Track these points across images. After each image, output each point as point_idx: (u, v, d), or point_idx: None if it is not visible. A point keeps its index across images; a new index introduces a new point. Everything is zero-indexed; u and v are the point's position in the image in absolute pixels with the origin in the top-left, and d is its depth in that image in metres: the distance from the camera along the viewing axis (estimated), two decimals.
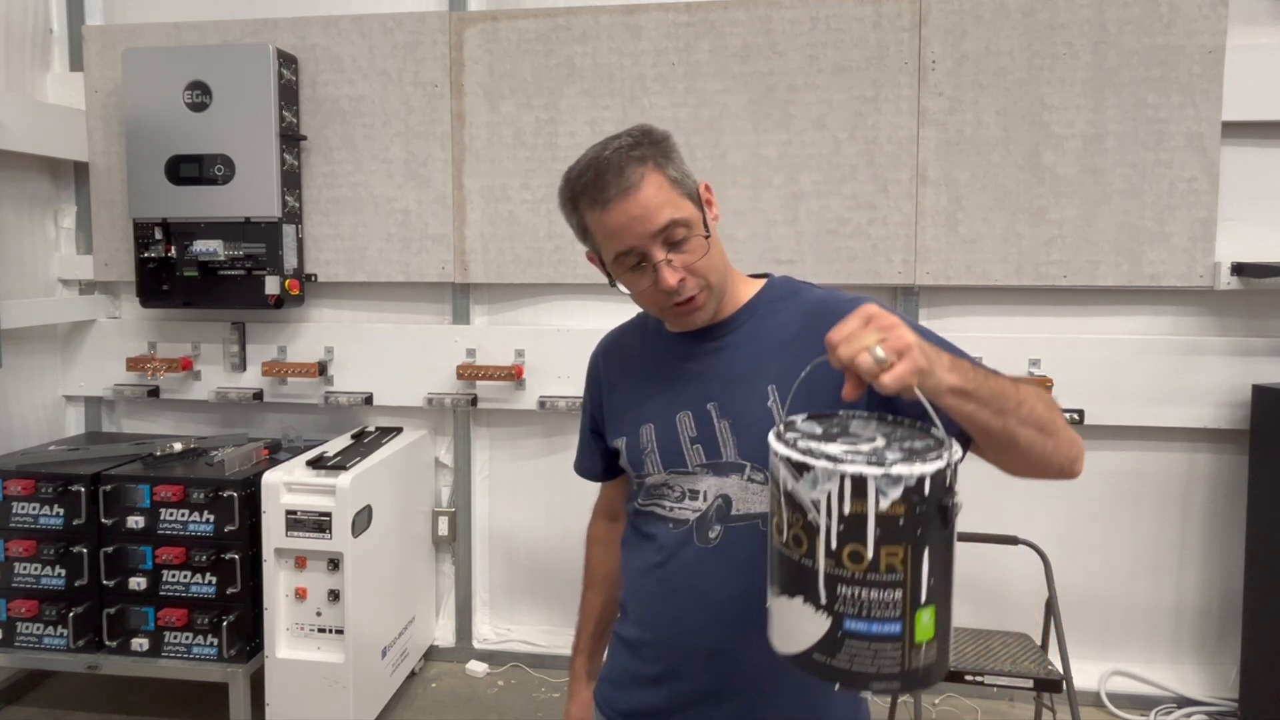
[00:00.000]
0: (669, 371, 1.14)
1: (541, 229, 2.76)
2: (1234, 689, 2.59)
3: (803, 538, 0.76)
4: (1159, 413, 2.57)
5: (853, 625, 0.75)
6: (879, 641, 0.75)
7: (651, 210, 1.01)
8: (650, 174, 1.02)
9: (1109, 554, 2.69)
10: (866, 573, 0.74)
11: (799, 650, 0.79)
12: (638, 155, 1.03)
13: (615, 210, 1.01)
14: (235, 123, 2.68)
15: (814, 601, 0.76)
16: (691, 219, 1.03)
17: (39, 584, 2.46)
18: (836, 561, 0.75)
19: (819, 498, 0.75)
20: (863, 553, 0.74)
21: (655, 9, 2.67)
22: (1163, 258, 2.52)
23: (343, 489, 2.32)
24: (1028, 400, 0.90)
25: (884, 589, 0.74)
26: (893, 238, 2.61)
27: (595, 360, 1.30)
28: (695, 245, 1.03)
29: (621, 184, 1.01)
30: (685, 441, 1.10)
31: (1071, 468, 0.96)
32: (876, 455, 0.76)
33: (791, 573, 0.78)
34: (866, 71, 2.59)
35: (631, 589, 1.19)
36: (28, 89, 2.86)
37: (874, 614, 0.75)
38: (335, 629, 2.37)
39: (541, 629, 2.98)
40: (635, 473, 1.17)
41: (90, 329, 3.01)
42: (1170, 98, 2.48)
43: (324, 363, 2.89)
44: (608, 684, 1.22)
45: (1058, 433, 0.93)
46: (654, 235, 1.02)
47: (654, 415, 1.13)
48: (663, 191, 1.02)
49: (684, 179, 1.05)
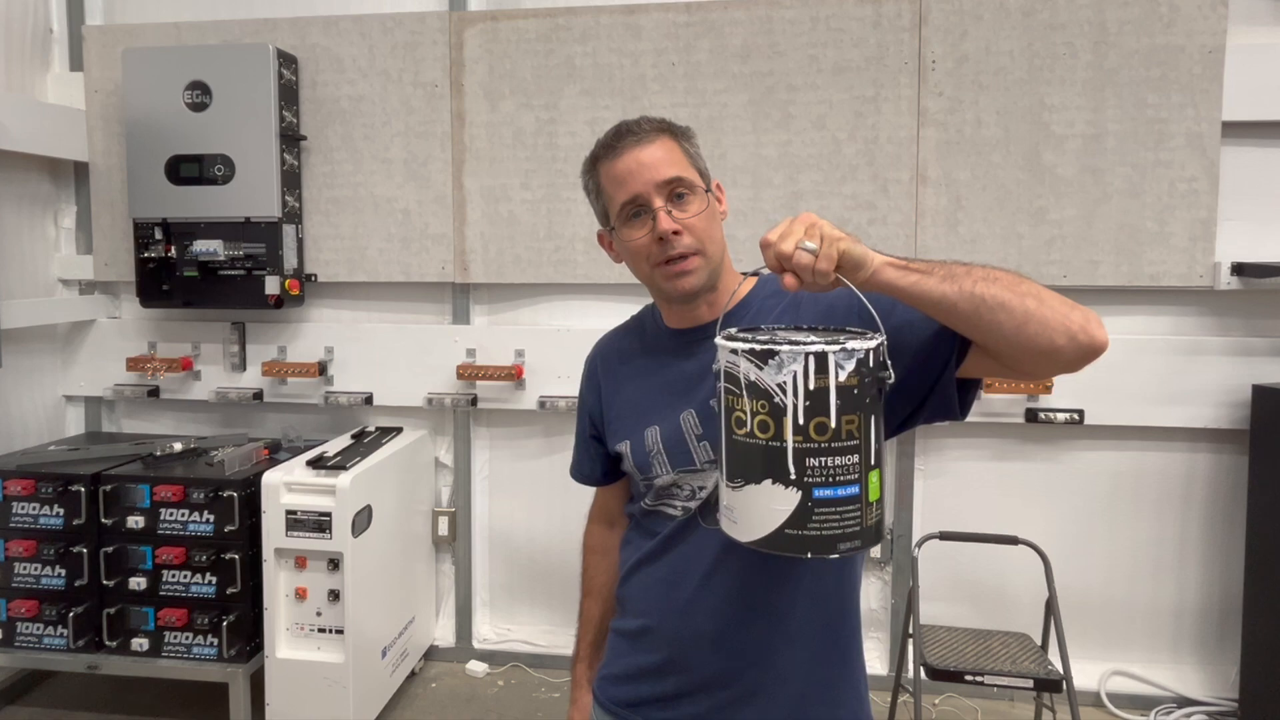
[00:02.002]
0: (669, 372, 1.15)
1: (541, 229, 2.76)
2: (1234, 689, 2.59)
3: (769, 422, 0.83)
4: (1159, 413, 2.57)
5: (821, 493, 0.82)
6: (843, 504, 0.83)
7: (659, 161, 1.07)
8: (665, 138, 1.10)
9: (1109, 554, 2.69)
10: (830, 442, 0.82)
11: (769, 530, 0.84)
12: (659, 124, 1.11)
13: (626, 157, 1.08)
14: (235, 123, 2.68)
15: (784, 479, 0.83)
16: (696, 183, 1.09)
17: (39, 584, 2.46)
18: (805, 436, 0.82)
19: (785, 379, 0.82)
20: (827, 423, 0.82)
21: (655, 9, 2.67)
22: (1163, 258, 2.52)
23: (343, 489, 2.32)
24: (984, 270, 0.89)
25: (845, 454, 0.83)
26: (893, 238, 2.61)
27: (592, 364, 1.30)
28: (696, 204, 1.08)
29: (637, 137, 1.08)
30: (692, 440, 1.10)
31: (1087, 333, 0.88)
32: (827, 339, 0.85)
33: (758, 458, 0.84)
34: (866, 71, 2.59)
35: (632, 579, 1.20)
36: (28, 89, 2.86)
37: (838, 479, 0.83)
38: (335, 629, 2.37)
39: (541, 629, 2.98)
40: (642, 475, 1.16)
41: (90, 329, 3.01)
42: (1170, 98, 2.48)
43: (324, 363, 2.89)
44: (608, 679, 1.22)
45: (1040, 295, 0.88)
46: (658, 186, 1.07)
47: (658, 417, 1.14)
48: (673, 154, 1.09)
49: (697, 159, 1.12)
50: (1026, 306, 0.87)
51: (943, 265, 0.90)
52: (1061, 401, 2.57)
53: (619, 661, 1.21)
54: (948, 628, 2.38)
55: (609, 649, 1.26)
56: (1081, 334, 0.88)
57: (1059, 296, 0.90)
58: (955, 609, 2.71)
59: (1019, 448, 2.69)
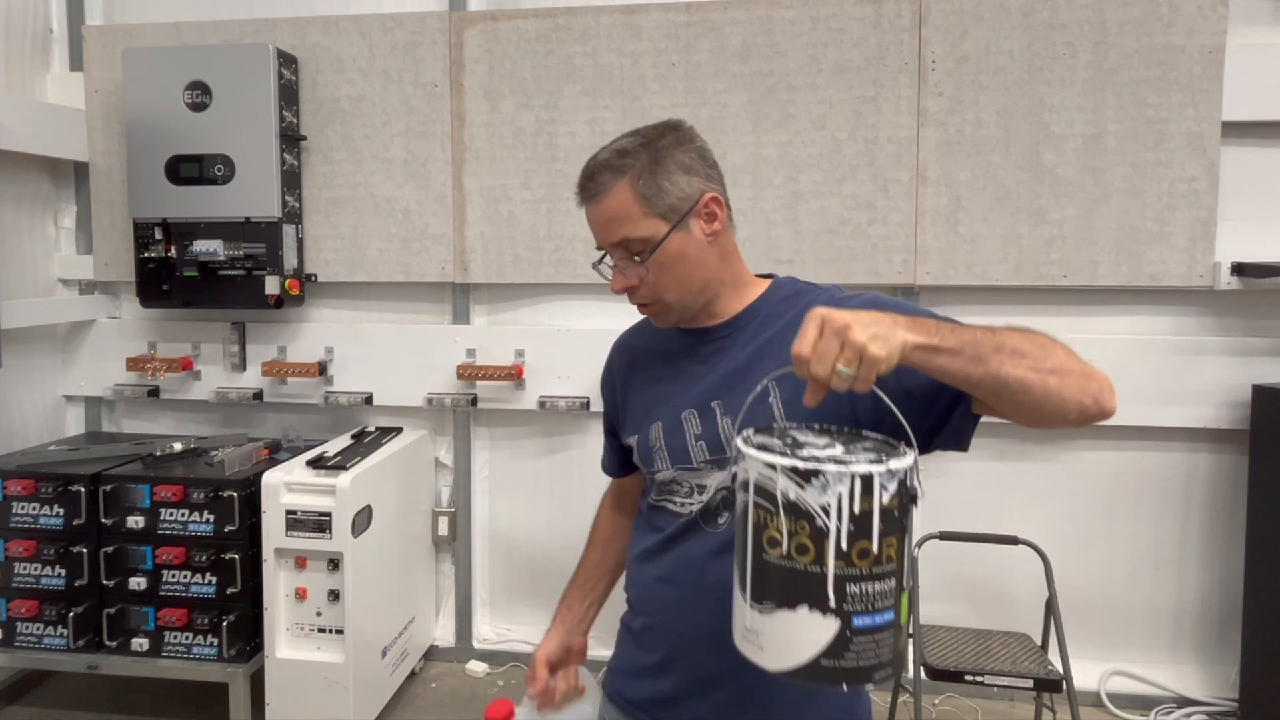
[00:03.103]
0: (676, 371, 1.17)
1: (541, 229, 2.76)
2: (1234, 689, 2.59)
3: (809, 545, 0.78)
4: (1159, 413, 2.57)
5: (860, 621, 0.77)
6: (881, 631, 0.78)
7: (606, 223, 1.09)
8: (619, 187, 1.07)
9: (1109, 554, 2.69)
10: (872, 567, 0.77)
11: (803, 661, 0.79)
12: (618, 164, 1.07)
13: (587, 210, 1.12)
14: (235, 123, 2.68)
15: (822, 607, 0.77)
16: (649, 238, 1.07)
17: (39, 584, 2.46)
18: (847, 561, 0.77)
19: (829, 501, 0.77)
20: (869, 548, 0.77)
21: (655, 9, 2.67)
22: (1163, 258, 2.52)
23: (343, 489, 2.32)
24: (1010, 342, 0.88)
25: (885, 579, 0.78)
26: (893, 238, 2.61)
27: (610, 360, 1.32)
28: (651, 262, 1.07)
29: (591, 189, 1.10)
30: (690, 439, 1.12)
31: (1097, 405, 0.90)
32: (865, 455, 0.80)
33: (794, 583, 0.79)
34: (866, 71, 2.59)
35: (635, 576, 1.22)
36: (28, 89, 2.86)
37: (877, 605, 0.78)
38: (335, 629, 2.37)
39: (541, 629, 2.95)
40: (647, 469, 1.19)
41: (90, 329, 3.01)
42: (1170, 98, 2.48)
43: (324, 363, 2.89)
44: (617, 675, 1.24)
45: (1062, 369, 0.89)
46: (611, 245, 1.10)
47: (662, 414, 1.16)
48: (626, 206, 1.07)
49: (658, 195, 1.06)
50: (1048, 386, 0.88)
51: (970, 335, 0.87)
52: None
53: (625, 658, 1.23)
54: (948, 628, 2.38)
55: (618, 642, 1.27)
56: (1093, 407, 0.90)
57: (1079, 365, 0.91)
58: (955, 609, 2.71)
59: (1019, 448, 2.69)
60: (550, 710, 1.19)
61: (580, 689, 1.20)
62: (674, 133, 1.10)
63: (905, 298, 2.64)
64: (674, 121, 1.12)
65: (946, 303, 2.68)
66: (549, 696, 1.19)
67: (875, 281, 2.61)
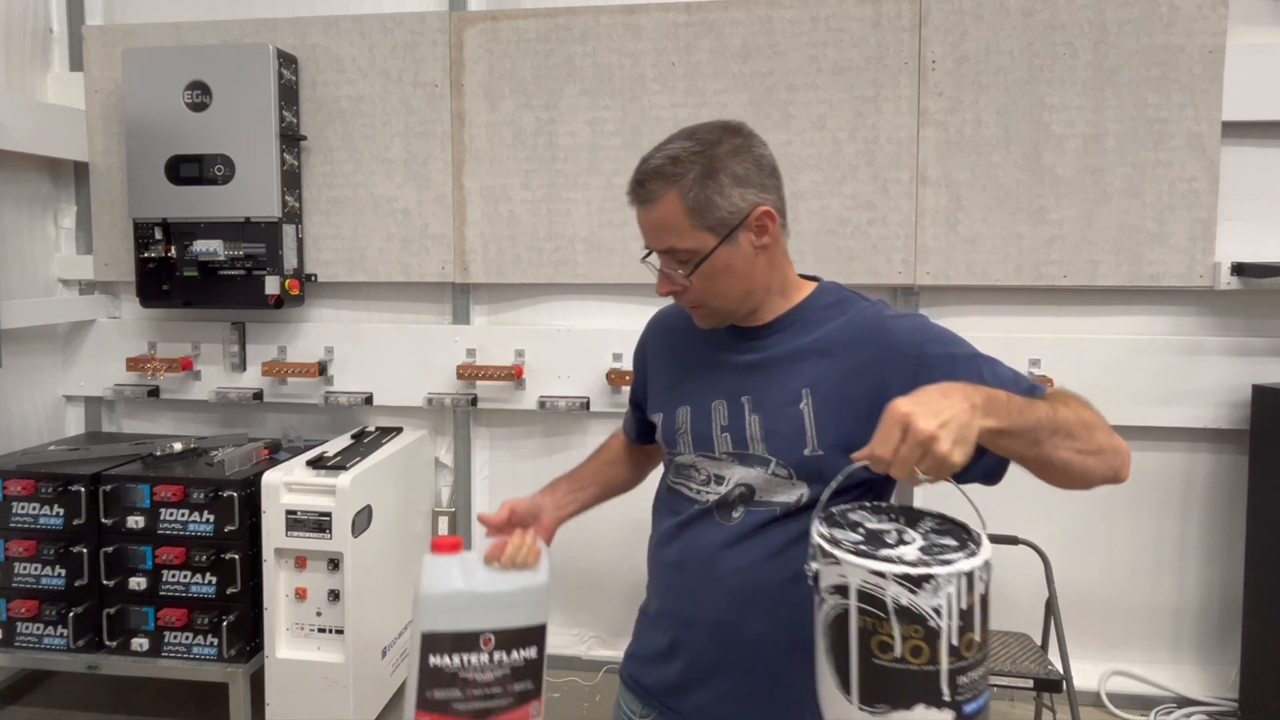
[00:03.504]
0: (711, 359, 1.18)
1: (541, 229, 2.76)
2: (1234, 689, 2.59)
3: (923, 647, 0.79)
4: (1159, 413, 2.57)
5: (970, 708, 0.81)
6: (984, 711, 0.82)
7: (655, 229, 1.09)
8: (669, 197, 1.06)
9: (1109, 554, 2.69)
10: (976, 654, 0.81)
11: None
12: (670, 173, 1.06)
13: (638, 214, 1.12)
14: (235, 123, 2.67)
15: (937, 702, 0.80)
16: (696, 250, 1.07)
17: (39, 584, 2.46)
18: (958, 655, 0.80)
19: (940, 603, 0.79)
20: (974, 638, 0.80)
21: (655, 9, 2.67)
22: (1163, 258, 2.52)
23: (343, 489, 2.32)
24: (1065, 425, 0.94)
25: (985, 663, 0.82)
26: (893, 238, 2.61)
27: (644, 334, 1.35)
28: (697, 273, 1.08)
29: (641, 195, 1.09)
30: (716, 429, 1.14)
31: (1116, 477, 1.00)
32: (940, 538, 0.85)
33: (909, 684, 0.80)
34: (866, 71, 2.59)
35: (652, 562, 1.24)
36: (28, 89, 2.86)
37: (981, 689, 0.82)
38: (335, 629, 2.37)
39: None
40: (669, 449, 1.21)
41: (90, 329, 3.01)
42: (1170, 98, 2.48)
43: (324, 363, 2.89)
44: (630, 658, 1.27)
45: (1100, 450, 0.97)
46: (658, 250, 1.11)
47: (691, 399, 1.18)
48: (674, 216, 1.06)
49: (708, 208, 1.05)
50: (1086, 466, 0.96)
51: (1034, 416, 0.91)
52: None
53: (638, 642, 1.26)
54: None
55: (635, 628, 1.29)
56: (1114, 478, 0.99)
57: (1112, 442, 0.98)
58: None
59: None
60: (495, 564, 1.12)
61: (533, 555, 1.13)
62: (732, 139, 1.08)
63: (905, 298, 2.64)
64: (734, 125, 1.10)
65: (946, 303, 2.68)
66: (498, 548, 1.13)
67: (875, 281, 2.61)
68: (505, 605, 1.10)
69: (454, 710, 1.08)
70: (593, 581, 2.85)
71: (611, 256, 2.72)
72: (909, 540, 0.85)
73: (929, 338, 1.07)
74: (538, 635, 1.11)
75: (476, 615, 1.09)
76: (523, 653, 1.10)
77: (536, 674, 1.11)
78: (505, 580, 1.11)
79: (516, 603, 1.11)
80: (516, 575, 1.12)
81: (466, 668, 1.08)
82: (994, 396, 0.89)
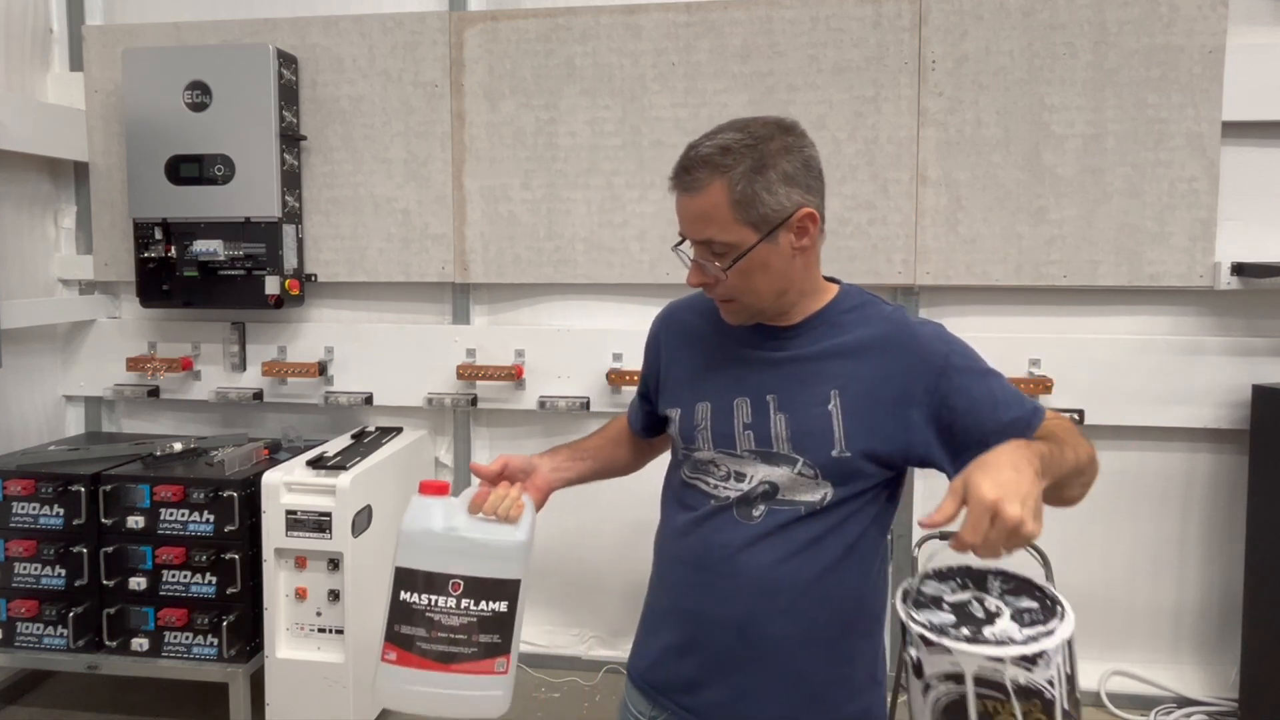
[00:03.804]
0: (733, 357, 1.18)
1: (541, 229, 2.76)
2: (1234, 689, 2.59)
3: (1042, 718, 0.82)
4: (1159, 413, 2.57)
5: None
6: None
7: (695, 219, 1.07)
8: (715, 187, 1.05)
9: (1109, 554, 2.69)
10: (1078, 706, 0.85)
11: None
12: (719, 163, 1.04)
13: (679, 201, 1.09)
14: (235, 123, 2.67)
15: None
16: (735, 244, 1.06)
17: (39, 584, 2.46)
18: (1068, 716, 0.83)
19: (1052, 674, 0.82)
20: (1075, 693, 0.84)
21: (655, 9, 2.67)
22: (1163, 258, 2.52)
23: (343, 489, 2.32)
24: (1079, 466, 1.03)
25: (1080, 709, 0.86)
26: (893, 238, 2.61)
27: (657, 327, 1.33)
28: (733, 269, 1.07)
29: (686, 182, 1.07)
30: (739, 426, 1.14)
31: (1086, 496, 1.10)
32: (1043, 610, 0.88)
33: None
34: (866, 71, 2.59)
35: (663, 557, 1.23)
36: (28, 89, 2.86)
37: None
38: (335, 629, 2.37)
39: (541, 629, 2.97)
40: (685, 445, 1.20)
41: (90, 329, 3.01)
42: (1170, 98, 2.48)
43: (324, 363, 2.89)
44: (639, 656, 1.26)
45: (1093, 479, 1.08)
46: (696, 240, 1.10)
47: (712, 395, 1.17)
48: (718, 209, 1.05)
49: (754, 203, 1.05)
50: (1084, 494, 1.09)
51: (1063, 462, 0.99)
52: (1062, 401, 2.57)
53: (648, 639, 1.25)
54: None
55: (640, 625, 1.28)
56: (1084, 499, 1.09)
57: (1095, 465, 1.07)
58: None
59: None
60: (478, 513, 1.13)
61: (516, 509, 1.14)
62: (784, 137, 1.08)
63: (905, 298, 2.64)
64: (788, 123, 1.10)
65: (946, 303, 2.68)
66: (481, 496, 1.15)
67: (875, 281, 2.61)
68: (479, 554, 1.12)
69: (418, 649, 1.11)
70: (593, 581, 2.86)
71: (611, 256, 2.72)
72: (995, 610, 0.88)
73: (953, 349, 1.10)
74: (510, 590, 1.12)
75: (449, 559, 1.11)
76: (492, 605, 1.11)
77: (506, 630, 1.12)
78: (484, 530, 1.13)
79: (491, 554, 1.12)
80: (496, 527, 1.13)
81: (433, 608, 1.11)
82: (1045, 456, 0.94)
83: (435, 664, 1.11)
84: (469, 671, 1.12)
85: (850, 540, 1.11)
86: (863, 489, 1.10)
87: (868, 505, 1.12)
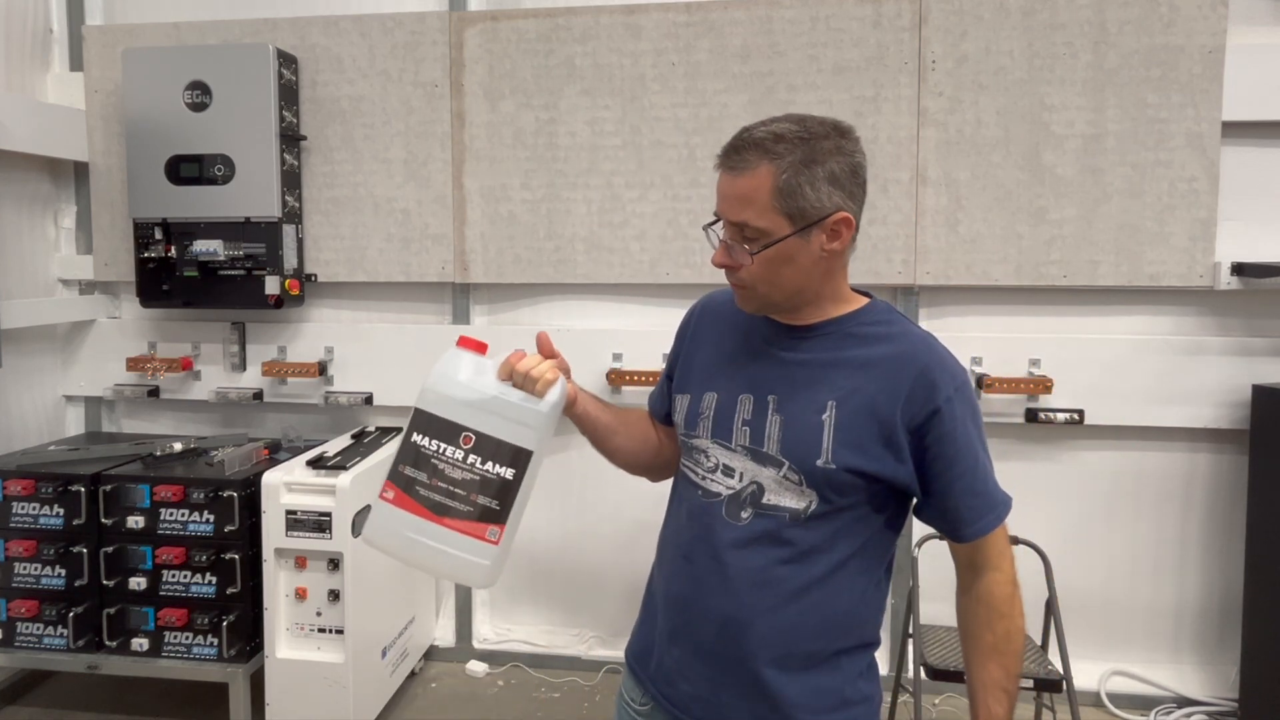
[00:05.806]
0: (750, 352, 1.18)
1: (541, 229, 2.76)
2: (1234, 689, 2.59)
3: None
4: (1159, 413, 2.57)
5: None
6: None
7: (735, 199, 1.07)
8: (762, 171, 1.04)
9: (1109, 554, 2.69)
10: None
11: None
12: (771, 148, 1.04)
13: (721, 180, 1.09)
14: (235, 123, 2.67)
15: None
16: (768, 232, 1.05)
17: (39, 584, 2.46)
18: None
19: None
20: None
21: (655, 9, 2.67)
22: (1163, 258, 2.52)
23: (343, 489, 2.32)
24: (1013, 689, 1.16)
25: None
26: (893, 238, 2.61)
27: (692, 313, 1.33)
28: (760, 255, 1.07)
29: (734, 162, 1.07)
30: (738, 420, 1.14)
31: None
32: None
33: None
34: (866, 71, 2.59)
35: (661, 543, 1.26)
36: (28, 89, 2.86)
37: None
38: (335, 629, 2.37)
39: (542, 629, 2.97)
40: (687, 430, 1.21)
41: (90, 329, 3.01)
42: (1170, 98, 2.48)
43: (324, 363, 2.89)
44: (635, 638, 1.28)
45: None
46: (730, 220, 1.09)
47: (720, 387, 1.18)
48: (759, 193, 1.05)
49: (796, 195, 1.04)
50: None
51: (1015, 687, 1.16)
52: (1062, 401, 2.57)
53: (644, 627, 1.27)
54: (948, 628, 2.38)
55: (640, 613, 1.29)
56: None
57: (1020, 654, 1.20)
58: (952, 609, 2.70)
59: (1019, 448, 2.69)
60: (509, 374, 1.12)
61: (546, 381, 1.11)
62: (838, 139, 1.07)
63: (905, 298, 2.64)
64: (844, 127, 1.09)
65: (946, 303, 2.68)
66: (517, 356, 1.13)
67: (875, 281, 2.61)
68: (498, 414, 1.11)
69: (416, 494, 1.11)
70: (593, 581, 2.86)
71: (611, 256, 2.72)
72: None
73: (962, 396, 1.09)
74: (522, 460, 1.11)
75: (467, 412, 1.11)
76: (498, 468, 1.11)
77: (507, 499, 1.11)
78: (508, 393, 1.12)
79: (509, 418, 1.11)
80: (522, 395, 1.12)
81: (440, 455, 1.11)
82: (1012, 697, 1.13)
83: (428, 513, 1.11)
84: (460, 530, 1.10)
85: (840, 558, 1.11)
86: (849, 504, 1.09)
87: (858, 524, 1.11)
